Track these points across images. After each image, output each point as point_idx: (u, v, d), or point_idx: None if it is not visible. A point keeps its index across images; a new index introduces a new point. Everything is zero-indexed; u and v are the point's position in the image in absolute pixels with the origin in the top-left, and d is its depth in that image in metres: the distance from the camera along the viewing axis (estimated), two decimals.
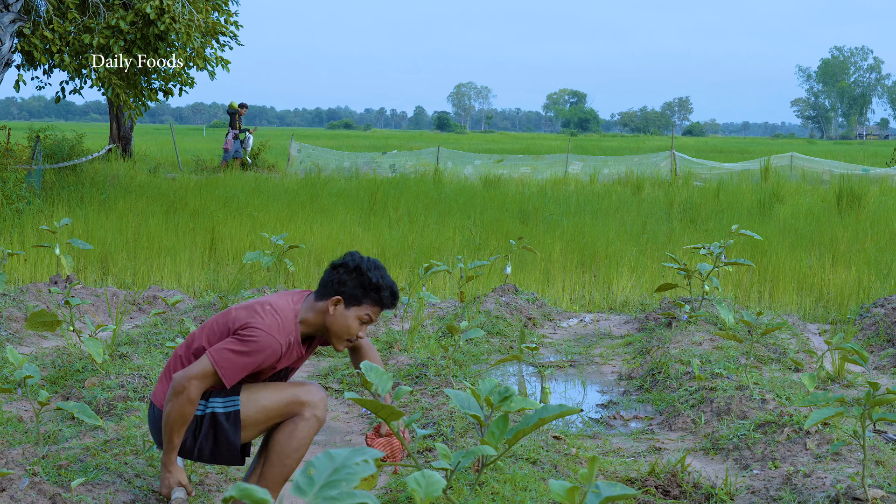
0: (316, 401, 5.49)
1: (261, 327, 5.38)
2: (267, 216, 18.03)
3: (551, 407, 4.76)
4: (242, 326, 5.40)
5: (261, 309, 5.49)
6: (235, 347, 5.34)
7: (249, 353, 5.35)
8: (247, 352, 5.35)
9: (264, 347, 5.37)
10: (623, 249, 15.85)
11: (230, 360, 5.33)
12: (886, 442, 7.18)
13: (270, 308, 5.50)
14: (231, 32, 24.63)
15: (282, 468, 5.46)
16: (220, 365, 5.31)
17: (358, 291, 5.57)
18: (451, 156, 40.82)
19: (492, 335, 10.98)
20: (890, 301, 12.09)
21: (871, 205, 23.24)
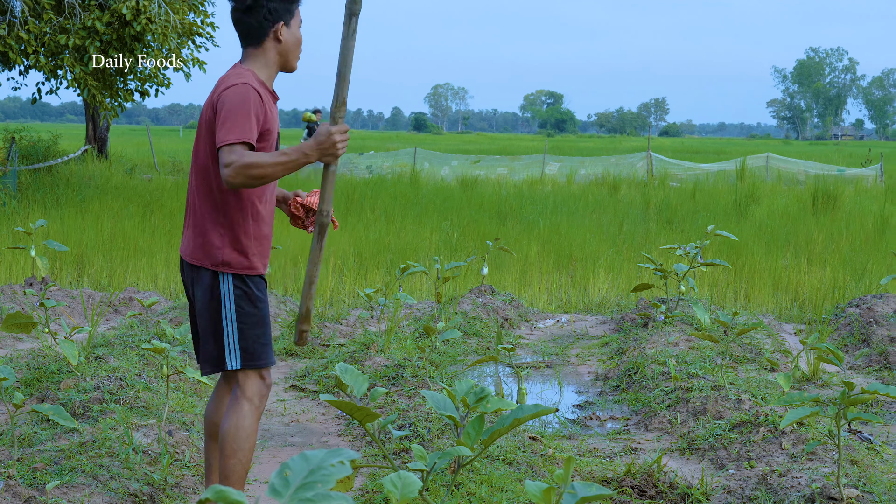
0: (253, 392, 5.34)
1: (229, 86, 5.17)
2: None
3: (527, 407, 4.77)
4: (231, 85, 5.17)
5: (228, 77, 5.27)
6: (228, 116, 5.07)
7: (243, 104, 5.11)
8: (238, 108, 5.10)
9: (247, 95, 5.13)
10: (599, 250, 15.88)
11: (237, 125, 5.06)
12: (861, 441, 7.20)
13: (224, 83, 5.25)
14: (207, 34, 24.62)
15: (239, 460, 5.27)
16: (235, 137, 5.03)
17: (287, 4, 5.35)
18: (428, 157, 40.86)
19: (468, 336, 10.98)
20: (864, 301, 12.14)
21: (846, 205, 23.34)
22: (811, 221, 19.66)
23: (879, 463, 6.68)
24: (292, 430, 7.88)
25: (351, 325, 11.58)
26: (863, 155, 55.52)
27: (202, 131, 5.27)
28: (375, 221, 18.62)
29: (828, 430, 6.70)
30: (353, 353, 9.48)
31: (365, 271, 14.35)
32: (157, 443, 6.62)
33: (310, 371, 9.45)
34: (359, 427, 7.67)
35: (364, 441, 7.42)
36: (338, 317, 11.77)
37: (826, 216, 20.99)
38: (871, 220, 19.81)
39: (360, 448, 7.31)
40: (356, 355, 9.38)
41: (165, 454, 6.37)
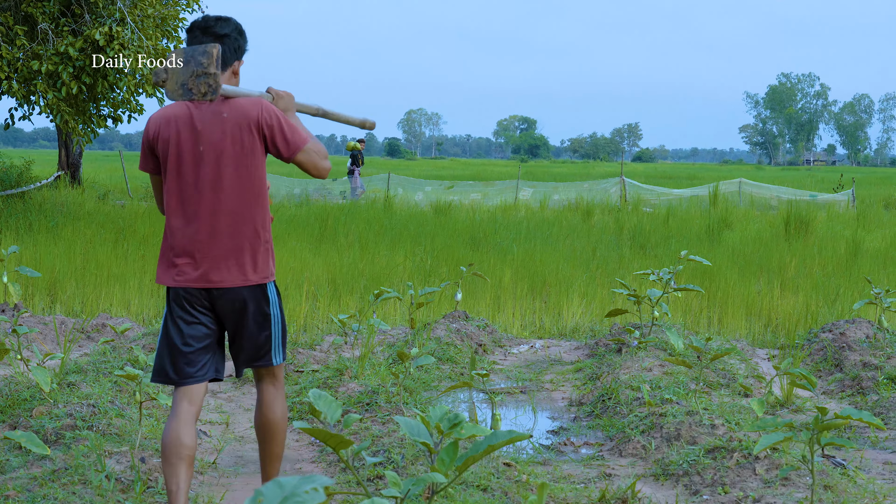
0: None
1: (263, 106, 5.77)
2: None
3: (501, 433, 4.76)
4: (265, 105, 5.77)
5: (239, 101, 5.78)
6: (285, 116, 5.87)
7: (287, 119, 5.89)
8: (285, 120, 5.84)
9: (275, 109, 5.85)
10: (573, 275, 15.89)
11: (294, 126, 5.87)
12: (835, 466, 7.21)
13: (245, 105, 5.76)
14: None
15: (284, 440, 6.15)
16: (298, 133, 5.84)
17: (244, 46, 6.04)
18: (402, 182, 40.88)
19: (442, 362, 10.97)
20: (837, 326, 12.17)
21: (819, 230, 23.44)
22: (784, 247, 19.73)
23: (853, 488, 6.69)
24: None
25: (325, 351, 11.55)
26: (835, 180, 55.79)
27: (236, 151, 5.73)
28: (349, 247, 18.60)
29: (801, 456, 6.72)
30: (327, 380, 9.46)
31: (338, 297, 14.32)
32: (131, 470, 6.59)
33: None
34: (333, 454, 7.65)
35: (338, 467, 7.40)
36: (311, 343, 11.74)
37: (799, 241, 21.07)
38: (843, 246, 19.89)
39: (333, 474, 7.29)
40: (330, 381, 9.37)
41: (138, 481, 6.35)
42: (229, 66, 5.86)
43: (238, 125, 5.68)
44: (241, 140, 5.68)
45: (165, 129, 5.74)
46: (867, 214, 29.39)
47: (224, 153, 5.68)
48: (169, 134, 5.73)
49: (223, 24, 5.85)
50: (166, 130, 5.74)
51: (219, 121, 5.68)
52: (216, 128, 5.68)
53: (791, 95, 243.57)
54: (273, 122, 5.71)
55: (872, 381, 10.14)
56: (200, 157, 5.68)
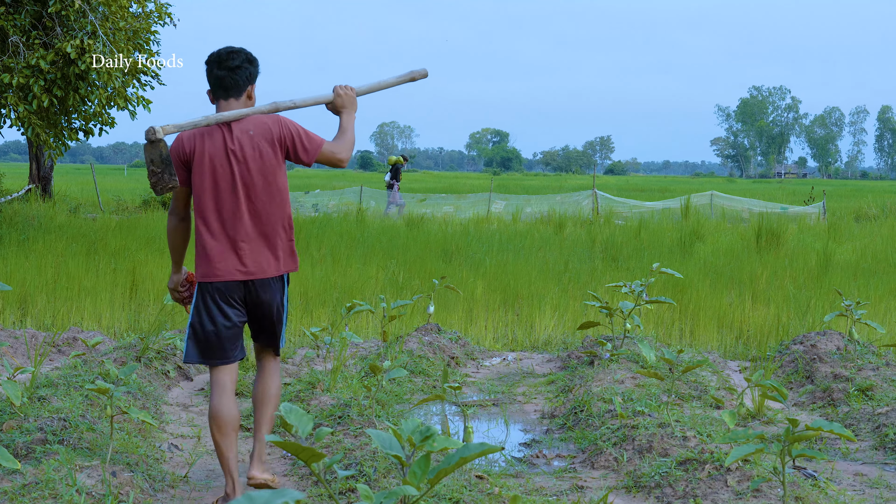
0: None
1: (279, 120, 6.90)
2: (189, 256, 17.90)
3: (473, 446, 4.76)
4: (282, 121, 6.90)
5: (260, 119, 6.85)
6: (302, 127, 6.96)
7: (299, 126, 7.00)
8: (301, 128, 6.98)
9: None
10: (545, 288, 15.90)
11: (309, 134, 6.98)
12: (806, 478, 7.24)
13: (267, 121, 6.86)
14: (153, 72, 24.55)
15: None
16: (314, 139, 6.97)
17: (257, 72, 7.07)
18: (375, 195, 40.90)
19: (415, 375, 10.97)
20: (808, 338, 12.21)
21: (790, 243, 23.51)
22: (755, 259, 19.78)
23: (824, 499, 6.72)
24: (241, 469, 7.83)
25: (297, 364, 11.54)
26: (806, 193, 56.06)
27: (265, 164, 6.80)
28: (321, 260, 18.57)
29: (773, 467, 6.73)
30: (299, 393, 9.46)
31: (311, 310, 14.31)
32: (101, 484, 6.56)
33: None
34: (304, 467, 7.64)
35: (310, 481, 7.39)
36: (283, 356, 11.73)
37: (770, 253, 21.13)
38: (814, 258, 19.96)
39: (305, 488, 7.28)
40: (302, 394, 9.36)
41: (109, 495, 6.33)
42: (244, 91, 6.89)
43: (263, 140, 6.77)
44: (266, 152, 6.76)
45: (201, 145, 6.71)
46: (838, 227, 29.49)
47: (253, 164, 6.73)
48: (204, 148, 6.70)
49: (234, 56, 6.86)
50: (201, 146, 6.71)
51: (247, 137, 6.73)
52: (246, 143, 6.72)
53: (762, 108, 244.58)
54: (293, 135, 6.85)
55: (843, 393, 10.18)
56: (233, 168, 6.70)
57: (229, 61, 6.84)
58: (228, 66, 6.83)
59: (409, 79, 7.46)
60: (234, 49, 6.89)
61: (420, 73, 7.46)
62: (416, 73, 7.46)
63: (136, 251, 18.72)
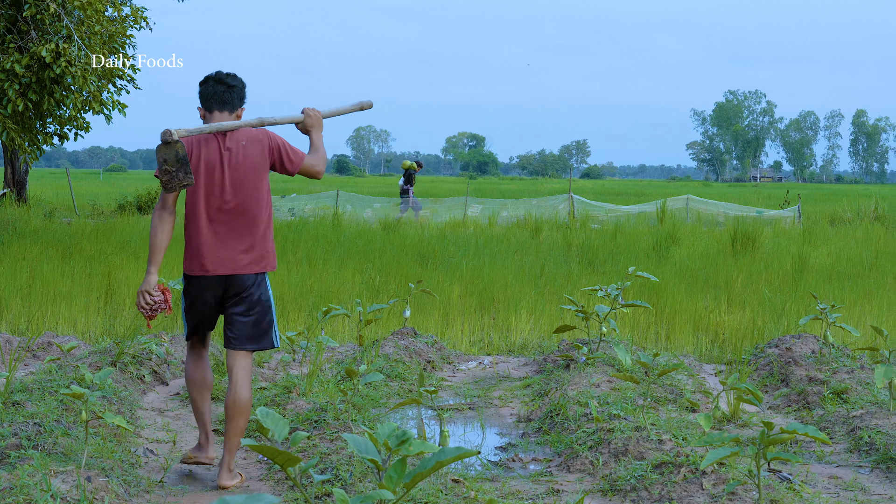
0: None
1: (266, 134, 7.73)
2: (165, 260, 17.89)
3: (449, 450, 4.76)
4: (270, 135, 7.72)
5: (251, 132, 7.65)
6: (289, 146, 7.77)
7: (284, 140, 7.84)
8: (286, 142, 7.81)
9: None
10: (522, 292, 15.91)
11: (294, 148, 7.81)
12: (781, 481, 7.26)
13: (258, 134, 7.67)
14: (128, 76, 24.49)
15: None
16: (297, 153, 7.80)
17: (244, 94, 7.88)
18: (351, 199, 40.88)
19: (391, 379, 10.97)
20: (783, 341, 12.25)
21: (765, 246, 23.58)
22: (731, 262, 19.82)
23: (799, 502, 6.74)
24: (213, 475, 7.82)
25: (272, 368, 11.53)
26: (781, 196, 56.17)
27: (254, 171, 7.57)
28: (297, 264, 18.54)
29: (748, 470, 6.75)
30: (275, 397, 9.45)
31: (287, 314, 14.29)
32: (76, 489, 6.54)
33: None
34: (280, 471, 7.63)
35: (286, 485, 7.39)
36: (259, 361, 11.72)
37: (745, 257, 21.17)
38: (789, 261, 20.01)
39: (281, 492, 7.27)
40: (278, 399, 9.35)
41: (84, 500, 6.31)
42: (237, 108, 7.74)
43: (254, 150, 7.57)
44: (255, 161, 7.56)
45: (198, 150, 7.49)
46: (813, 230, 29.59)
47: (243, 170, 7.52)
48: (201, 154, 7.48)
49: (233, 77, 7.75)
50: (198, 151, 7.49)
51: (240, 147, 7.52)
52: (238, 152, 7.52)
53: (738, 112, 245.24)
54: (280, 148, 7.68)
55: (818, 396, 10.21)
56: (225, 173, 7.47)
57: (229, 80, 7.72)
58: (228, 84, 7.70)
59: (359, 108, 8.46)
60: (231, 73, 7.79)
61: (367, 103, 8.52)
62: (365, 104, 8.50)
63: (112, 255, 18.67)
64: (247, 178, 7.52)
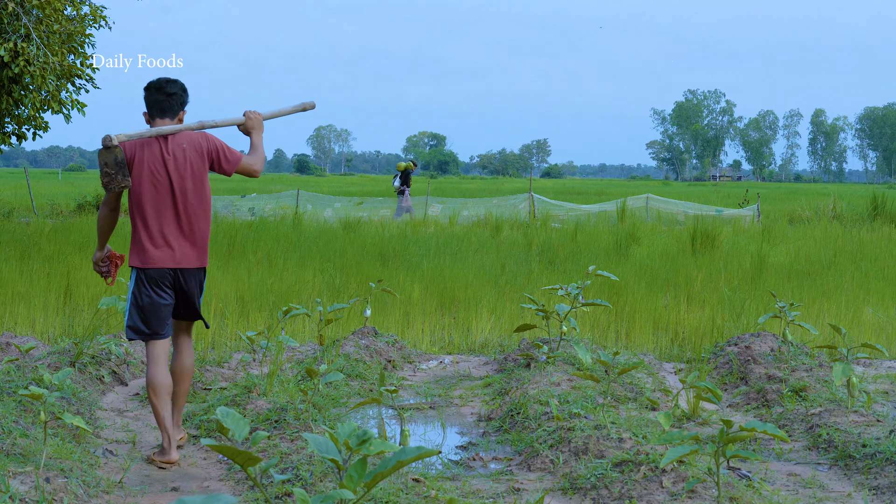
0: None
1: (206, 137, 8.19)
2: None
3: (409, 449, 4.77)
4: (209, 137, 8.19)
5: (191, 134, 8.12)
6: (227, 148, 8.23)
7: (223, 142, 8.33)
8: (225, 144, 8.29)
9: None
10: (482, 291, 15.92)
11: (231, 149, 8.27)
12: (740, 478, 7.29)
13: (197, 137, 8.13)
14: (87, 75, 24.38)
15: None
16: (234, 153, 8.29)
17: (187, 99, 8.35)
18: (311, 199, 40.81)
19: (351, 378, 10.96)
20: (743, 340, 12.29)
21: (725, 245, 23.66)
22: (690, 261, 19.89)
23: (758, 499, 6.77)
24: (172, 476, 7.80)
25: (233, 368, 11.50)
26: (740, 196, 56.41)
27: (195, 172, 8.05)
28: (258, 264, 18.51)
29: (707, 468, 6.78)
30: (235, 397, 9.42)
31: (247, 314, 14.25)
32: (35, 490, 6.51)
33: (191, 415, 9.37)
34: (241, 471, 7.62)
35: (246, 485, 7.37)
36: (219, 360, 11.69)
37: (705, 256, 21.25)
38: (748, 260, 20.09)
39: (241, 493, 7.26)
40: (238, 399, 9.33)
41: (43, 501, 6.28)
42: (177, 114, 8.18)
43: (194, 152, 8.05)
44: (195, 163, 8.05)
45: (140, 153, 7.96)
46: (772, 229, 29.73)
47: (185, 171, 8.01)
48: (143, 156, 7.95)
49: (172, 85, 8.18)
50: (141, 154, 7.96)
51: (181, 149, 8.02)
52: (179, 155, 8.01)
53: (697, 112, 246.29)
54: (218, 150, 8.16)
55: (777, 394, 10.26)
56: (169, 174, 7.97)
57: (168, 88, 8.17)
58: (167, 92, 8.16)
59: (301, 109, 8.99)
60: (171, 79, 8.24)
61: (309, 104, 9.04)
62: (307, 105, 9.02)
63: (71, 255, 18.58)
64: (187, 179, 8.04)
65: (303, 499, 4.88)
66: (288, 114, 8.98)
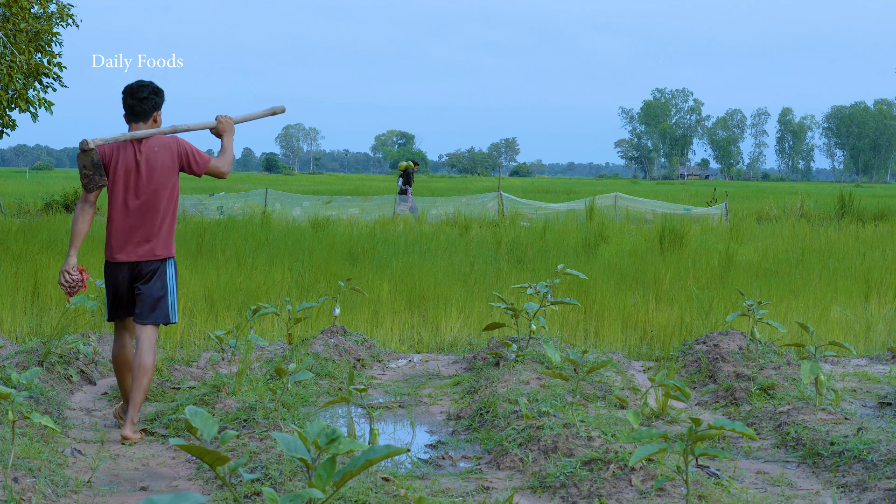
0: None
1: (178, 141, 8.87)
2: (93, 260, 17.73)
3: (378, 448, 4.76)
4: (179, 141, 8.85)
5: (163, 139, 8.79)
6: (197, 151, 8.90)
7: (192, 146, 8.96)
8: (195, 147, 8.94)
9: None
10: (451, 290, 15.91)
11: (202, 153, 8.96)
12: (709, 476, 7.32)
13: (168, 141, 8.80)
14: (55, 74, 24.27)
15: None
16: (209, 157, 8.96)
17: (161, 101, 8.97)
18: (280, 197, 40.71)
19: (321, 377, 10.95)
20: (711, 338, 12.33)
21: (693, 243, 23.72)
22: (659, 260, 19.93)
23: (727, 497, 6.80)
24: (141, 475, 7.78)
25: (201, 367, 11.48)
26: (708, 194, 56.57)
27: (164, 172, 8.73)
28: (226, 263, 18.46)
29: (676, 466, 6.80)
30: (204, 396, 9.40)
31: (216, 313, 14.22)
32: (3, 490, 6.48)
33: (159, 414, 9.35)
34: (209, 471, 7.60)
35: (215, 485, 7.36)
36: (188, 359, 11.66)
37: (673, 254, 21.29)
38: (716, 258, 20.15)
39: (210, 492, 7.24)
40: (207, 398, 9.30)
41: (11, 501, 6.25)
42: (150, 116, 8.81)
43: (165, 155, 8.73)
44: (166, 165, 8.73)
45: (116, 155, 8.67)
46: (740, 228, 29.80)
47: (154, 173, 8.69)
48: (119, 158, 8.66)
49: (143, 89, 8.80)
50: (116, 156, 8.66)
51: (153, 153, 8.70)
52: (151, 157, 8.69)
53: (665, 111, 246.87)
54: (188, 153, 8.82)
55: (745, 392, 10.30)
56: (140, 175, 8.66)
57: (139, 93, 8.78)
58: (138, 97, 8.78)
59: (271, 113, 9.53)
60: (144, 83, 8.84)
61: (279, 108, 9.57)
62: (277, 109, 9.57)
63: (38, 255, 18.50)
64: (156, 180, 8.73)
65: (272, 498, 4.87)
66: (258, 118, 9.52)
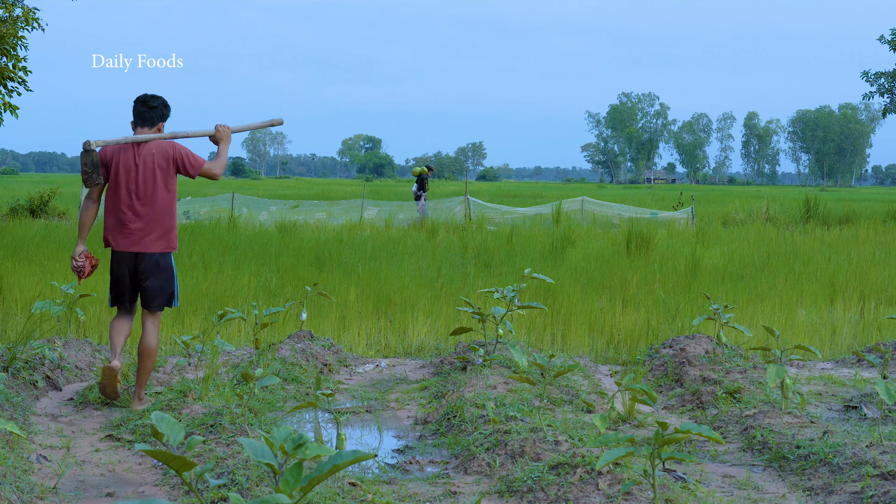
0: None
1: (174, 146, 9.81)
2: (57, 265, 17.66)
3: (345, 453, 4.76)
4: (175, 146, 9.79)
5: (161, 143, 9.75)
6: (192, 155, 9.86)
7: (188, 149, 9.94)
8: (190, 151, 9.90)
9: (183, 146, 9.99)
10: (418, 294, 15.91)
11: (198, 157, 9.88)
12: (676, 480, 7.34)
13: (165, 146, 9.75)
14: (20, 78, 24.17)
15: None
16: (203, 160, 9.95)
17: (168, 113, 10.01)
18: (246, 202, 40.64)
19: (287, 382, 10.92)
20: (678, 342, 12.37)
21: (659, 247, 23.77)
22: (625, 264, 19.96)
23: (693, 501, 6.82)
24: (108, 481, 7.75)
25: (168, 372, 11.43)
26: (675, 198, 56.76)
27: (159, 173, 9.67)
28: (193, 268, 18.39)
29: (643, 470, 6.81)
30: (170, 401, 9.37)
31: (182, 318, 14.18)
32: None
33: (125, 420, 9.31)
34: (176, 476, 7.58)
35: (182, 490, 7.33)
36: (155, 364, 11.61)
37: (640, 258, 21.34)
38: (683, 262, 20.20)
39: (177, 497, 7.22)
40: (173, 403, 9.27)
41: None
42: (156, 124, 9.85)
43: (161, 158, 9.68)
44: (161, 167, 9.67)
45: (117, 156, 9.64)
46: (706, 232, 29.91)
47: (150, 174, 9.64)
48: (119, 159, 9.64)
49: (156, 100, 9.87)
50: (117, 157, 9.64)
51: (150, 155, 9.66)
52: (148, 159, 9.65)
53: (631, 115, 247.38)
54: (183, 157, 9.76)
55: (712, 396, 10.33)
56: (138, 176, 9.61)
57: (151, 102, 9.85)
58: (150, 106, 9.85)
59: (270, 124, 10.52)
60: (156, 96, 9.93)
61: (277, 120, 10.60)
62: (275, 121, 10.56)
63: (3, 260, 18.41)
64: (151, 180, 9.64)
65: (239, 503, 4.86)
66: (257, 128, 10.61)
